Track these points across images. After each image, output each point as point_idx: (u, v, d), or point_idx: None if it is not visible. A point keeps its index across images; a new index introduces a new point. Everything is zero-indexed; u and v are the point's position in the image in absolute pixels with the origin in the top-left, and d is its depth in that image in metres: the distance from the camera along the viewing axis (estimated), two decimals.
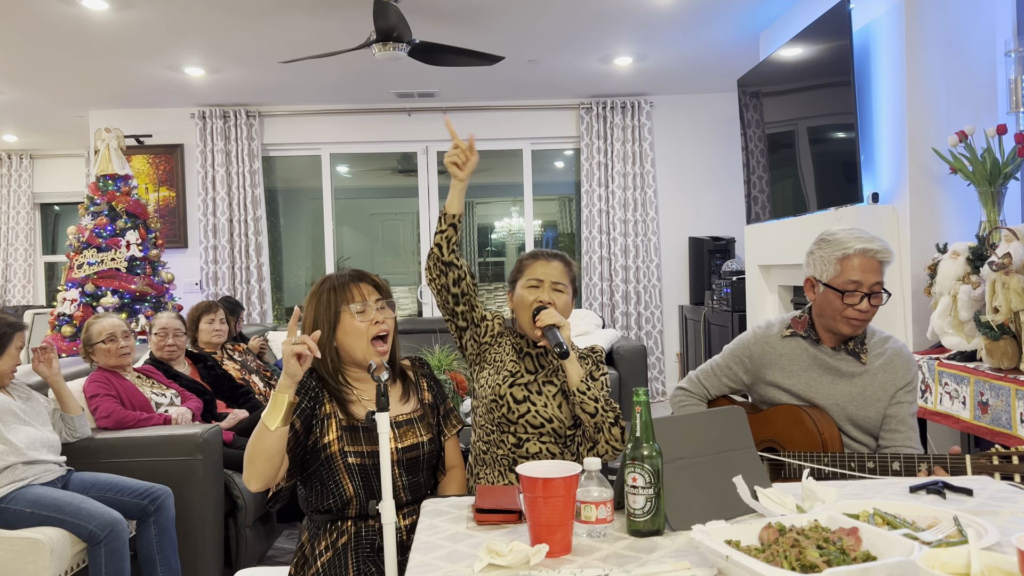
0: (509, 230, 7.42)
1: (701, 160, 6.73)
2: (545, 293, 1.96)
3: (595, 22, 4.76)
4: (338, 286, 1.79)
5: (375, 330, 1.77)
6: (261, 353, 4.82)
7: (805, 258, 2.08)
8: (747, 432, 1.50)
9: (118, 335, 3.17)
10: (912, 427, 2.00)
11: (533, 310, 1.93)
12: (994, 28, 3.37)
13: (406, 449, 1.77)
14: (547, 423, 1.94)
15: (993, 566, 0.95)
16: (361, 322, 1.76)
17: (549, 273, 1.98)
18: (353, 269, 1.86)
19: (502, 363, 2.01)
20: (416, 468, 1.80)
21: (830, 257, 1.98)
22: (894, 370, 2.01)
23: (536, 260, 2.01)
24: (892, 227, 3.48)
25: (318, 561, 1.72)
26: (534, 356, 2.02)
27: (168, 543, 2.73)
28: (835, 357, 2.03)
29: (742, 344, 2.16)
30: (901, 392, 2.00)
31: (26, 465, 2.60)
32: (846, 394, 2.01)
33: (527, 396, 1.95)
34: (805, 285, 2.07)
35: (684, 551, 1.23)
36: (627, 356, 5.29)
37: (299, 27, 4.73)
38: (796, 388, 2.04)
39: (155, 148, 6.66)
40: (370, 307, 1.78)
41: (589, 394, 1.89)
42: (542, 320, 1.88)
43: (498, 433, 1.96)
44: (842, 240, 1.98)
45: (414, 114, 6.75)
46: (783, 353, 2.08)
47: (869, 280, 1.95)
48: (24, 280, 8.08)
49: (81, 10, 4.35)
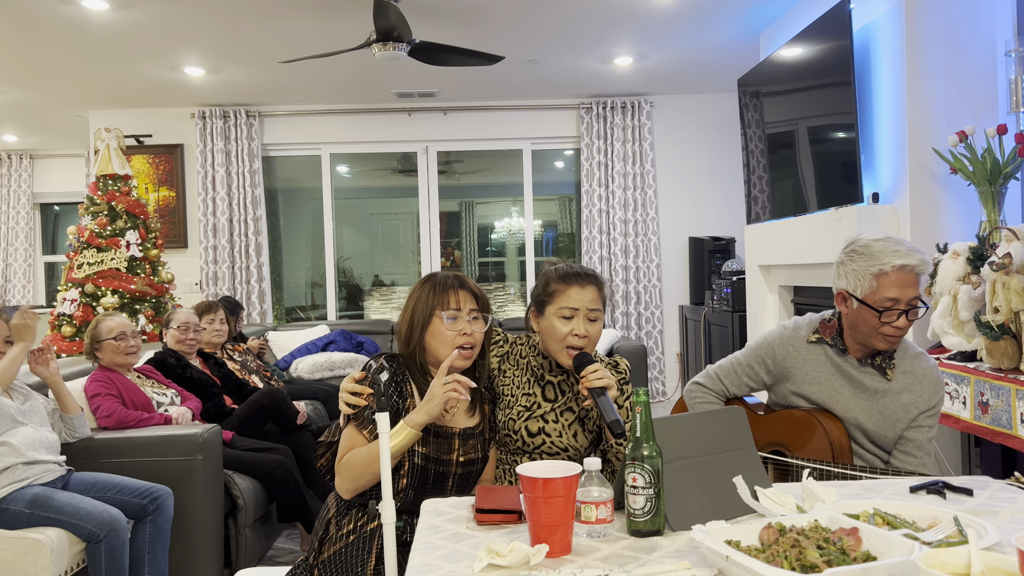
0: (509, 230, 7.42)
1: (701, 160, 6.73)
2: (580, 324, 1.81)
3: (595, 22, 4.76)
4: (439, 288, 1.80)
5: (461, 340, 1.76)
6: (261, 353, 4.83)
7: (835, 268, 1.95)
8: (747, 432, 1.49)
9: (128, 333, 3.20)
10: (928, 452, 1.94)
11: (575, 359, 1.79)
12: (994, 28, 3.37)
13: (466, 463, 1.78)
14: (562, 452, 1.87)
15: (993, 566, 0.95)
16: (450, 330, 1.76)
17: (584, 300, 1.82)
18: (457, 274, 1.85)
19: (513, 397, 1.91)
20: (467, 482, 1.81)
21: (864, 272, 1.85)
22: (920, 392, 1.92)
23: (570, 286, 1.83)
24: (892, 227, 3.48)
25: (341, 541, 1.73)
26: (555, 384, 1.91)
27: (160, 544, 2.73)
28: (860, 370, 1.95)
29: (767, 344, 2.06)
30: (923, 416, 1.92)
31: (26, 465, 2.60)
32: (865, 409, 1.93)
33: (542, 428, 1.87)
34: (837, 298, 1.94)
35: (684, 551, 1.23)
36: (627, 356, 5.29)
37: (299, 27, 4.73)
38: (816, 396, 1.98)
39: (155, 148, 6.66)
40: (462, 317, 1.78)
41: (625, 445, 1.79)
42: (589, 382, 1.70)
43: (512, 456, 1.91)
44: (877, 254, 1.85)
45: (414, 114, 6.75)
46: (807, 359, 1.99)
47: (907, 296, 1.83)
48: (24, 280, 8.08)
49: (81, 10, 4.35)
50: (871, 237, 1.90)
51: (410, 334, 1.80)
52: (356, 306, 7.40)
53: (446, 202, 7.15)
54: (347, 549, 1.71)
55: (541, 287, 1.90)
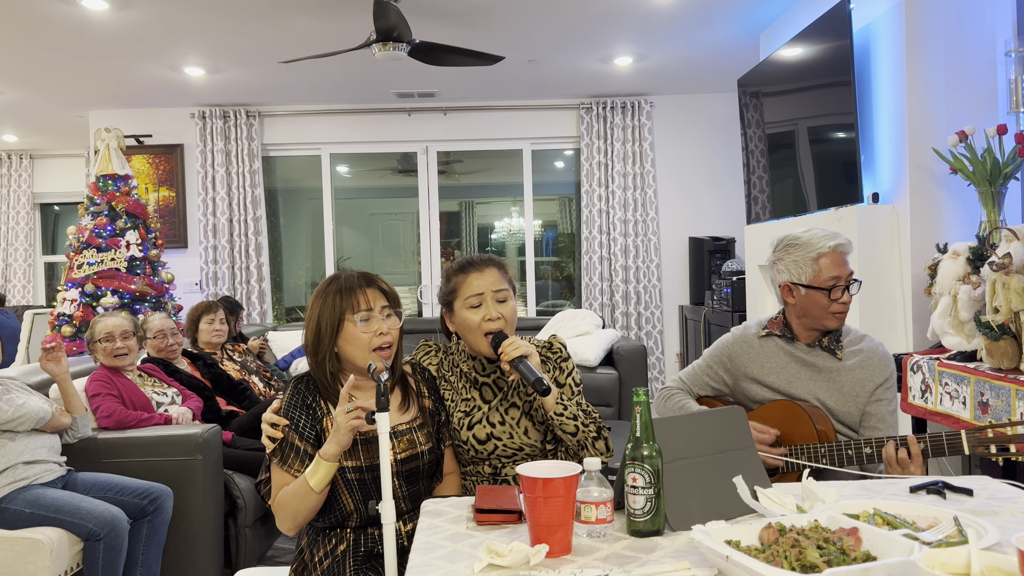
0: (509, 230, 7.42)
1: (701, 160, 6.73)
2: (490, 307, 1.77)
3: (595, 22, 4.76)
4: (345, 290, 1.70)
5: (378, 341, 1.69)
6: (261, 353, 4.82)
7: (772, 267, 2.14)
8: (747, 432, 1.50)
9: (116, 335, 3.16)
10: (891, 425, 2.06)
11: (491, 341, 1.75)
12: (994, 28, 3.37)
13: (405, 460, 1.72)
14: (518, 452, 1.81)
15: (993, 566, 0.95)
16: (364, 332, 1.68)
17: (487, 283, 1.79)
18: (362, 272, 1.76)
19: (453, 403, 1.85)
20: (416, 478, 1.75)
21: (804, 260, 2.06)
22: (871, 367, 2.07)
23: (468, 273, 1.81)
24: (892, 227, 3.48)
25: (317, 568, 1.71)
26: (491, 383, 1.86)
27: (155, 545, 2.73)
28: (811, 353, 2.11)
29: (722, 345, 2.23)
30: (880, 390, 2.06)
31: (26, 465, 2.60)
32: (824, 389, 2.07)
33: (490, 433, 1.81)
34: (782, 291, 2.12)
35: (684, 551, 1.23)
36: (627, 356, 5.29)
37: (299, 27, 4.73)
38: (776, 384, 2.10)
39: (155, 148, 6.66)
40: (375, 316, 1.70)
41: (566, 414, 1.73)
42: (507, 354, 1.69)
43: (472, 465, 1.86)
44: (809, 242, 2.07)
45: (414, 114, 6.75)
46: (761, 352, 2.15)
47: (845, 272, 2.04)
48: (24, 280, 8.08)
49: (81, 10, 4.34)
50: (797, 231, 2.13)
51: (318, 343, 1.69)
52: None
53: (446, 202, 7.15)
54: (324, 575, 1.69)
55: (443, 287, 1.87)
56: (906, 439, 1.82)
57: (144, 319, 3.67)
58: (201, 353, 3.96)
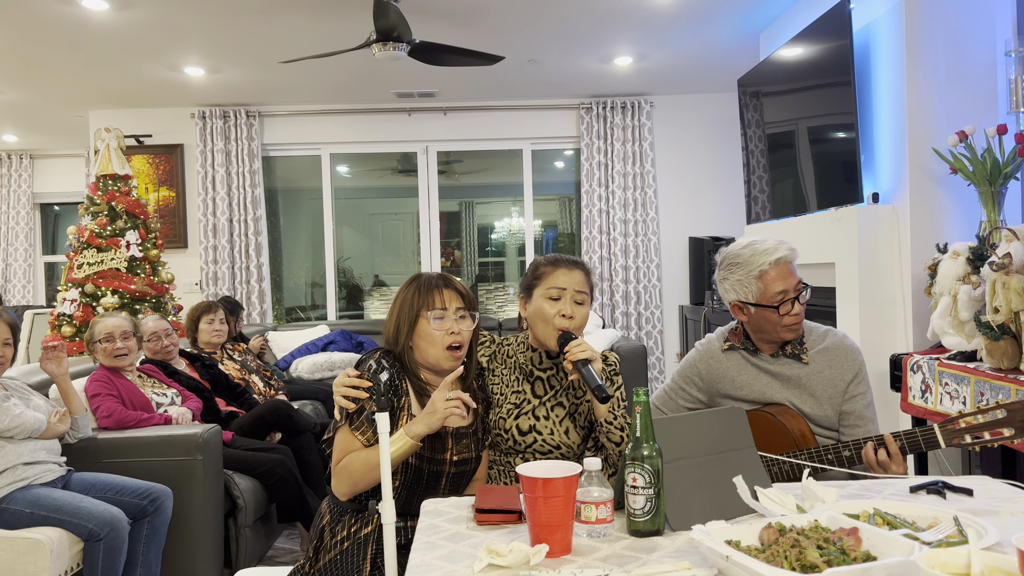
0: (509, 230, 7.42)
1: (701, 160, 6.73)
2: (567, 305, 1.83)
3: (595, 22, 4.76)
4: (423, 289, 1.79)
5: (449, 340, 1.76)
6: (261, 353, 4.83)
7: (719, 285, 2.09)
8: (747, 432, 1.50)
9: (116, 336, 3.16)
10: (870, 419, 2.02)
11: (559, 338, 1.80)
12: (994, 28, 3.37)
13: (459, 463, 1.77)
14: (555, 450, 1.86)
15: (993, 566, 0.95)
16: (437, 330, 1.76)
17: (572, 282, 1.85)
18: (442, 274, 1.85)
19: (503, 395, 1.91)
20: (460, 482, 1.80)
21: (747, 279, 1.99)
22: (839, 365, 2.02)
23: (557, 268, 1.87)
24: (892, 227, 3.48)
25: (336, 548, 1.72)
26: (545, 379, 1.92)
27: (155, 545, 2.73)
28: (776, 363, 2.06)
29: (689, 363, 2.19)
30: (852, 386, 2.01)
31: (26, 466, 2.60)
32: (797, 396, 2.02)
33: (533, 425, 1.87)
34: (733, 310, 2.07)
35: (684, 551, 1.23)
36: (627, 356, 5.30)
37: (299, 27, 4.73)
38: (750, 396, 2.07)
39: (155, 148, 6.66)
40: (448, 316, 1.77)
41: (615, 424, 1.79)
42: (573, 355, 1.73)
43: (504, 456, 1.90)
44: (749, 259, 2.00)
45: (414, 114, 6.75)
46: (728, 366, 2.11)
47: (792, 283, 1.98)
48: (24, 280, 8.08)
49: (81, 10, 4.34)
50: (737, 247, 2.05)
51: (397, 336, 1.79)
52: (356, 306, 7.40)
53: (446, 202, 7.15)
54: (342, 556, 1.71)
55: (530, 273, 1.94)
56: (883, 438, 1.80)
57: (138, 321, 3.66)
58: (200, 354, 3.95)
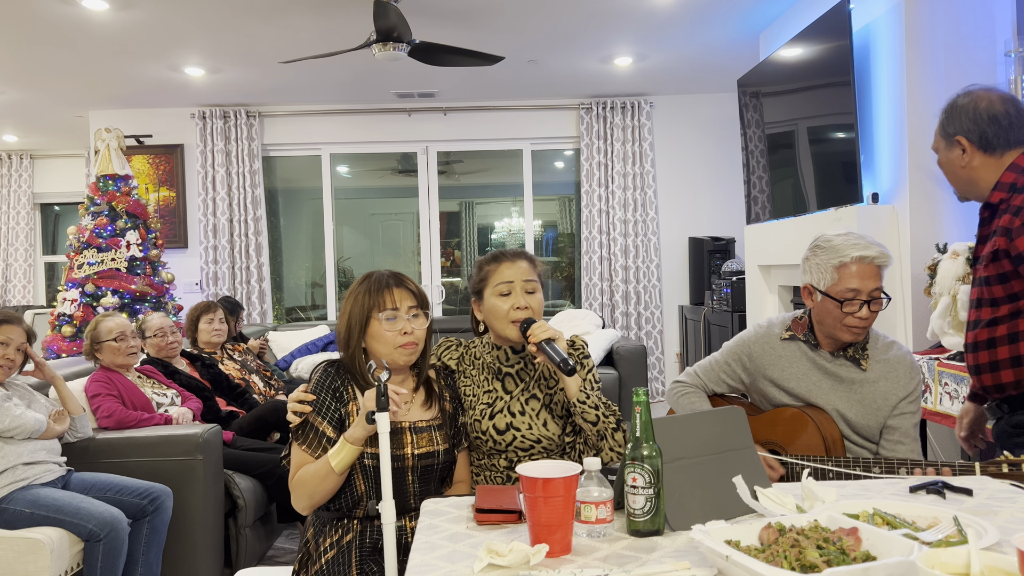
0: (509, 230, 7.42)
1: (701, 160, 6.73)
2: (519, 296, 1.83)
3: (595, 22, 4.76)
4: (373, 290, 1.77)
5: (402, 340, 1.74)
6: (261, 353, 4.83)
7: (801, 264, 2.05)
8: (747, 432, 1.50)
9: (128, 334, 3.19)
10: (915, 439, 1.97)
11: (520, 325, 1.80)
12: (994, 28, 3.37)
13: (422, 456, 1.76)
14: (536, 444, 1.85)
15: (993, 566, 0.95)
16: (389, 331, 1.74)
17: (518, 273, 1.85)
18: (393, 272, 1.81)
19: (475, 397, 1.90)
20: (429, 476, 1.79)
21: (826, 265, 1.94)
22: (896, 379, 1.97)
23: (500, 263, 1.88)
24: (892, 227, 3.48)
25: (322, 559, 1.72)
26: (514, 374, 1.91)
27: (155, 545, 2.73)
28: (833, 363, 2.01)
29: (742, 342, 2.14)
30: (904, 403, 1.96)
31: (26, 466, 2.60)
32: (845, 400, 1.98)
33: (509, 423, 1.85)
34: (803, 292, 2.03)
35: (684, 551, 1.23)
36: (627, 356, 5.29)
37: (299, 27, 4.73)
38: (796, 390, 2.03)
39: (155, 148, 6.66)
40: (401, 316, 1.75)
41: (589, 402, 1.78)
42: (535, 336, 1.74)
43: (487, 459, 1.89)
44: (838, 247, 1.94)
45: (414, 114, 6.75)
46: (783, 355, 2.06)
47: (868, 287, 1.91)
48: (24, 280, 8.08)
49: (81, 10, 4.35)
50: (834, 233, 2.00)
51: (348, 337, 1.77)
52: None
53: (446, 202, 7.15)
54: (328, 566, 1.70)
55: (475, 275, 1.93)
56: (913, 470, 1.74)
57: (143, 319, 3.68)
58: (200, 354, 3.95)
